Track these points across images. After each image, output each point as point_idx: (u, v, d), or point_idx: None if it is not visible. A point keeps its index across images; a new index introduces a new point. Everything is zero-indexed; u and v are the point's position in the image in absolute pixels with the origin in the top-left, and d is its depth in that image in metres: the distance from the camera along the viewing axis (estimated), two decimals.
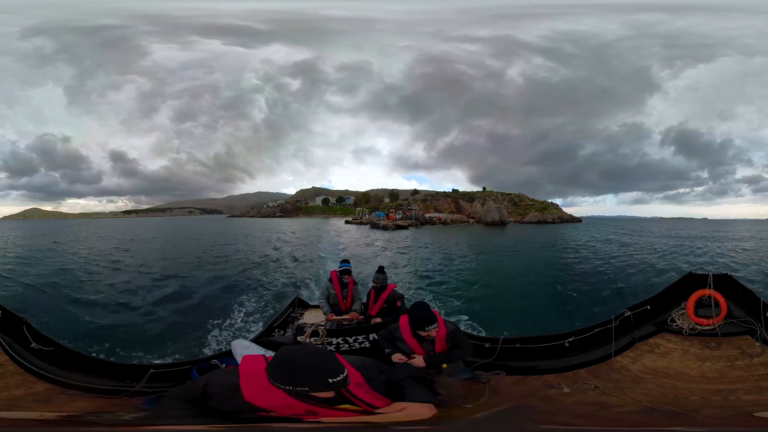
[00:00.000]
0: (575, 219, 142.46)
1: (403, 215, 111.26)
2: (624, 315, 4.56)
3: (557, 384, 3.82)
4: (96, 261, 24.34)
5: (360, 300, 6.17)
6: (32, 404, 3.49)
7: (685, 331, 4.28)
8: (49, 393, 3.73)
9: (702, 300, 4.35)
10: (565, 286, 15.97)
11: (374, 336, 4.89)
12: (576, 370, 4.22)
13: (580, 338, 4.61)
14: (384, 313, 5.67)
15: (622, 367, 4.17)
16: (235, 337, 8.99)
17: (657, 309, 4.56)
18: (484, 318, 10.78)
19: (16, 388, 3.69)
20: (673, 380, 3.80)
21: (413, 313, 3.79)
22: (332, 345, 4.84)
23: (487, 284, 16.51)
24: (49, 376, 3.97)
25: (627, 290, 14.74)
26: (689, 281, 4.52)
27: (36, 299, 13.29)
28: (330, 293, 6.12)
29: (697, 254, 28.98)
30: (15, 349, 4.13)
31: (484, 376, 4.13)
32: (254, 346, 4.06)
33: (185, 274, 18.88)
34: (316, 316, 6.21)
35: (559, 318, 11.57)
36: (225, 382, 2.36)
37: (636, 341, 4.40)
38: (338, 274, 6.15)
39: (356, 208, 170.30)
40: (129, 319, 11.07)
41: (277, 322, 6.55)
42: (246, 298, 13.25)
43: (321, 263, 23.50)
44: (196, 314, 11.30)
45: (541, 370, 4.39)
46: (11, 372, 3.88)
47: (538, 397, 3.70)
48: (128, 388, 4.02)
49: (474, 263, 24.47)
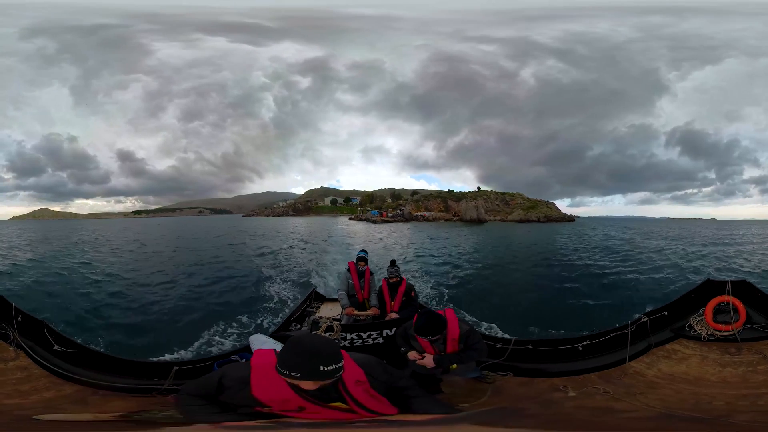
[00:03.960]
0: (567, 218, 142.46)
1: (393, 214, 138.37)
2: (641, 321, 4.51)
3: (563, 387, 3.80)
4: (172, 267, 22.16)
5: (376, 291, 6.22)
6: (68, 406, 3.52)
7: (704, 337, 4.23)
8: (80, 394, 3.76)
9: (720, 306, 4.30)
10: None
11: (387, 332, 4.90)
12: (587, 374, 4.19)
13: (594, 342, 4.57)
14: (403, 306, 5.75)
15: (636, 372, 4.12)
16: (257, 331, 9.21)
17: (674, 315, 4.51)
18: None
19: (45, 390, 3.72)
20: (692, 386, 3.74)
21: (419, 319, 3.80)
22: (346, 340, 4.83)
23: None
24: (76, 377, 4.01)
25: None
26: (707, 288, 4.47)
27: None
28: (349, 283, 6.20)
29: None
30: (38, 352, 4.16)
31: (490, 376, 4.13)
32: (271, 340, 4.07)
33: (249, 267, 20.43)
34: (333, 309, 6.25)
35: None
36: (238, 374, 2.41)
37: (652, 347, 4.35)
38: (355, 263, 6.25)
39: (359, 208, 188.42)
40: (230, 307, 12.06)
41: (293, 316, 6.62)
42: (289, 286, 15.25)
43: (334, 247, 30.57)
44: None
45: (550, 372, 4.36)
46: (37, 375, 3.91)
47: (539, 399, 3.68)
48: (157, 386, 4.06)
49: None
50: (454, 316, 3.89)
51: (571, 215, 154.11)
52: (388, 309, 5.81)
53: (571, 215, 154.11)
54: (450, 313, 3.92)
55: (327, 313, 6.03)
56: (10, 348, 4.04)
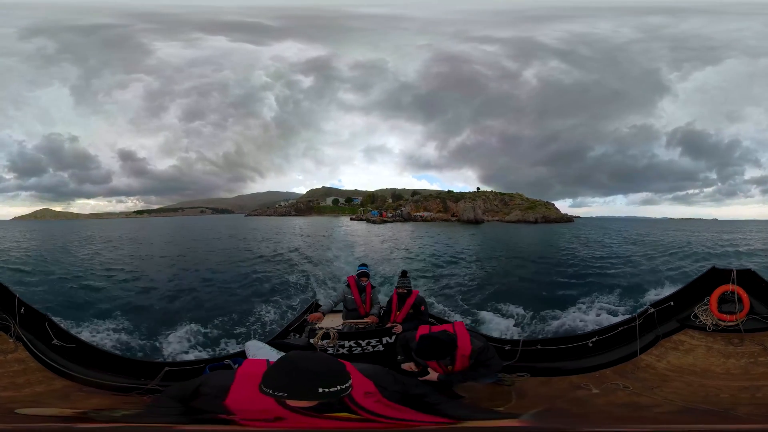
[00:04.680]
0: (566, 219, 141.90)
1: (393, 214, 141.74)
2: (648, 312, 4.49)
3: (584, 385, 3.77)
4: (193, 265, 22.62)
5: (378, 304, 6.07)
6: (52, 400, 3.55)
7: (709, 327, 4.19)
8: (67, 390, 3.78)
9: (725, 295, 4.25)
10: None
11: (387, 339, 4.82)
12: (601, 370, 4.17)
13: (603, 338, 4.54)
14: (409, 318, 5.51)
15: (647, 365, 4.12)
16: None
17: (680, 305, 4.48)
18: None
19: (37, 384, 3.74)
20: (700, 378, 3.75)
21: (421, 341, 3.53)
22: (344, 348, 4.75)
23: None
24: (68, 372, 4.01)
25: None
26: (712, 276, 4.42)
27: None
28: (347, 298, 6.04)
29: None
30: (36, 345, 4.15)
31: (507, 378, 4.02)
32: (267, 347, 4.06)
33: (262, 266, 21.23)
34: (333, 320, 6.16)
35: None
36: (219, 383, 2.40)
37: (660, 338, 4.33)
38: (356, 278, 6.08)
39: (360, 208, 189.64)
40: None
41: (293, 325, 6.57)
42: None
43: (335, 246, 32.22)
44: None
45: (565, 370, 4.33)
46: (33, 369, 3.91)
47: (567, 399, 3.64)
48: (141, 385, 4.06)
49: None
50: (465, 331, 3.68)
51: (570, 216, 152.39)
52: (392, 319, 5.57)
53: (570, 216, 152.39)
54: (460, 328, 3.72)
55: (327, 324, 5.99)
56: (10, 340, 4.02)
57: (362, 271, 6.13)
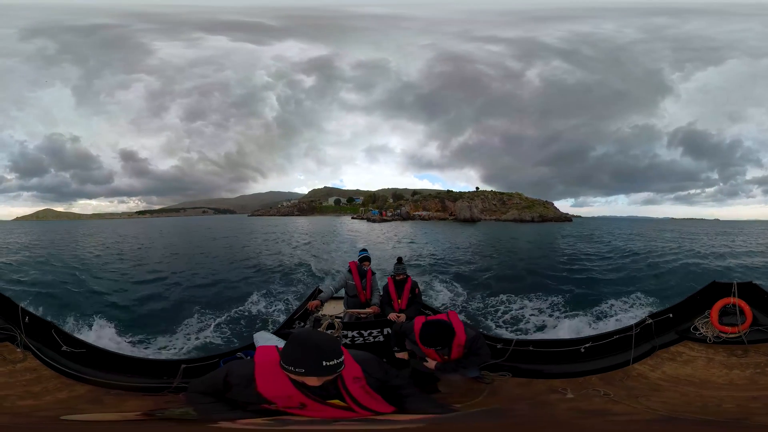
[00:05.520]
0: (564, 218, 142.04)
1: (393, 213, 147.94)
2: (645, 323, 4.48)
3: (562, 389, 3.74)
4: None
5: (378, 290, 6.13)
6: (83, 405, 3.52)
7: (710, 339, 4.17)
8: (93, 394, 3.75)
9: (726, 308, 4.25)
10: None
11: (389, 330, 4.85)
12: (588, 376, 4.14)
13: (597, 344, 4.53)
14: (409, 304, 5.67)
15: (639, 374, 4.08)
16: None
17: (679, 317, 4.47)
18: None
19: (57, 391, 3.71)
20: (698, 388, 3.70)
21: (426, 329, 3.61)
22: (347, 338, 4.80)
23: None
24: (86, 377, 4.01)
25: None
26: (713, 290, 4.42)
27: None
28: (348, 284, 6.10)
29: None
30: (46, 353, 4.15)
31: (489, 376, 4.07)
32: (275, 338, 4.07)
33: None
34: (336, 307, 6.23)
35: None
36: (243, 372, 2.41)
37: (657, 349, 4.31)
38: (358, 262, 6.14)
39: (361, 207, 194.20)
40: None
41: (297, 314, 6.61)
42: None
43: (337, 241, 35.61)
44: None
45: (549, 374, 4.32)
46: (47, 377, 3.89)
47: (534, 401, 3.63)
48: (168, 384, 4.06)
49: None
50: (459, 321, 3.76)
51: (569, 215, 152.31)
52: (395, 307, 5.69)
53: (569, 215, 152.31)
54: (454, 317, 3.79)
55: (330, 312, 6.05)
56: (17, 350, 4.02)
57: (364, 256, 6.18)
